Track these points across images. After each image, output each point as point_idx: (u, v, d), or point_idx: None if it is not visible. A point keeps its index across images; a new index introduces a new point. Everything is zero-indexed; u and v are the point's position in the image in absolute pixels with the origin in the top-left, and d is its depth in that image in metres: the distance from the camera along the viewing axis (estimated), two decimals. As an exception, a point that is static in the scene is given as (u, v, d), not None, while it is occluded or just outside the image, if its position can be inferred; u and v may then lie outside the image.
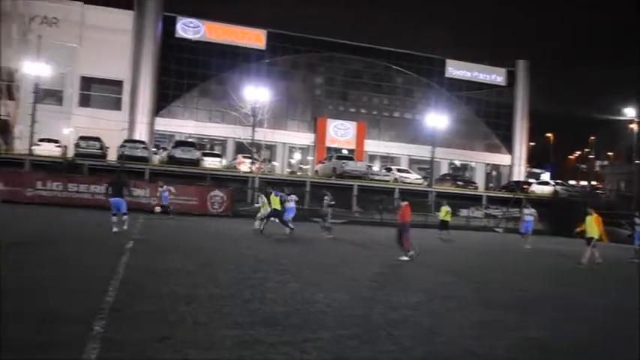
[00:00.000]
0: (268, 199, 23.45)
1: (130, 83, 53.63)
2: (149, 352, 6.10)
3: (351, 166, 44.48)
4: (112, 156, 42.16)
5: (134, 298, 8.82)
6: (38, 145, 40.98)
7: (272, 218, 23.16)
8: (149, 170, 38.78)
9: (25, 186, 34.08)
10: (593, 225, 18.73)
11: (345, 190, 40.38)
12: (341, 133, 60.87)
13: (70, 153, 41.15)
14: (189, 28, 57.03)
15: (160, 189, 30.32)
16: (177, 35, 56.34)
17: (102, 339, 6.34)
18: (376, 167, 54.12)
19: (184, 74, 56.00)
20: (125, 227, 18.60)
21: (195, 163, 41.39)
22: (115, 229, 18.26)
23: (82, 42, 51.68)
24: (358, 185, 42.40)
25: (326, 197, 24.65)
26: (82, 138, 41.38)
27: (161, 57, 54.73)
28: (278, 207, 22.88)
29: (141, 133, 51.61)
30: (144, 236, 18.60)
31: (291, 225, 22.58)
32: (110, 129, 48.06)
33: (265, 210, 23.99)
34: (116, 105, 53.86)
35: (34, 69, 42.29)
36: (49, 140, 42.35)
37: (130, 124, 52.55)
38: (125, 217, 18.81)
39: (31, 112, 40.92)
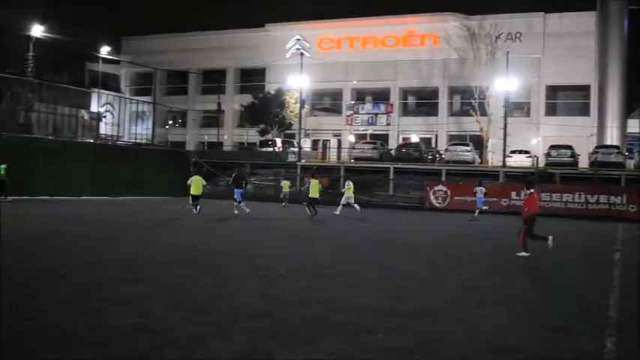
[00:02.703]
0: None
1: (596, 86, 51.73)
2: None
3: None
4: (583, 163, 41.23)
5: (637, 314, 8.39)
6: (510, 156, 42.62)
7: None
8: (625, 176, 36.64)
9: (500, 196, 35.85)
10: None
11: None
12: None
13: (541, 162, 41.66)
14: (659, 19, 52.30)
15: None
16: (647, 29, 52.20)
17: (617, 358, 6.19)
18: None
19: (657, 70, 51.46)
20: (235, 212, 24.99)
21: (678, 165, 37.52)
22: (235, 212, 24.94)
23: (545, 51, 52.01)
24: None
25: None
26: (552, 147, 41.48)
27: (629, 55, 51.39)
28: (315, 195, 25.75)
29: (611, 138, 49.20)
30: (630, 247, 17.64)
31: None
32: (578, 135, 47.08)
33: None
34: (583, 110, 52.51)
35: (503, 84, 44.28)
36: (520, 151, 43.68)
37: (598, 129, 50.59)
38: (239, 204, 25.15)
39: (502, 125, 42.93)
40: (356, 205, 27.51)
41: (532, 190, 15.24)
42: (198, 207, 24.30)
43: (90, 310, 7.19)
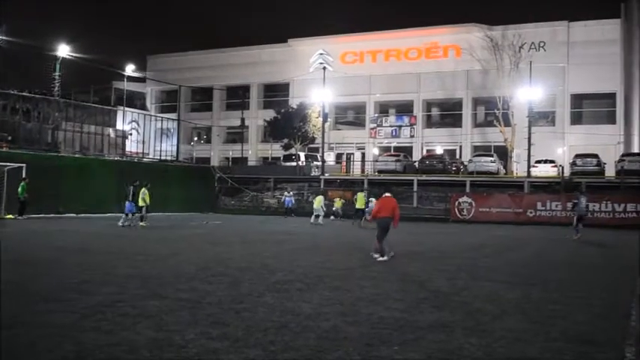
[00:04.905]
0: None
1: (622, 94, 51.07)
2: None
3: None
4: (609, 172, 40.71)
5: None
6: (535, 166, 42.27)
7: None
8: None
9: (525, 207, 35.54)
10: None
11: None
12: None
13: (567, 172, 41.21)
14: (685, 25, 51.49)
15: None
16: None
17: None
18: None
19: (685, 76, 50.53)
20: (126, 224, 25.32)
21: None
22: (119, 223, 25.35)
23: (570, 60, 51.59)
24: None
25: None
26: (577, 156, 41.16)
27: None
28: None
29: (639, 145, 48.51)
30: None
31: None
32: (605, 144, 46.68)
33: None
34: (609, 119, 51.93)
35: (527, 94, 43.99)
36: (545, 161, 43.32)
37: (625, 137, 49.96)
38: (132, 216, 25.67)
39: (526, 135, 42.60)
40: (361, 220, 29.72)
41: (387, 195, 15.16)
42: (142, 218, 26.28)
43: (109, 325, 7.27)
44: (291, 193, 40.55)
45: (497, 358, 6.30)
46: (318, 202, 32.14)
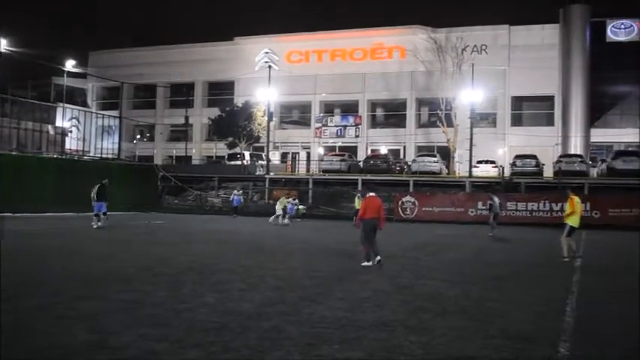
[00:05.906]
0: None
1: (560, 97, 52.59)
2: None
3: None
4: (547, 172, 41.84)
5: (593, 319, 8.54)
6: (476, 167, 43.06)
7: None
8: (588, 184, 37.27)
9: (467, 207, 36.20)
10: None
11: None
12: None
13: (507, 172, 42.15)
14: (620, 31, 53.37)
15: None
16: (607, 40, 53.22)
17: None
18: None
19: (619, 80, 52.28)
20: (102, 224, 23.81)
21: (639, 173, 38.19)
22: (94, 225, 23.68)
23: (511, 63, 52.81)
24: None
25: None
26: (517, 157, 42.11)
27: (591, 65, 52.32)
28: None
29: (576, 147, 50.04)
30: (590, 253, 17.93)
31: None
32: (543, 145, 48.03)
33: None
34: (548, 121, 53.36)
35: (469, 96, 44.80)
36: (486, 162, 44.17)
37: (563, 139, 51.44)
38: (104, 216, 24.18)
39: (468, 136, 43.40)
40: None
41: (372, 194, 14.46)
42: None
43: (47, 327, 7.06)
44: (240, 192, 39.90)
45: (436, 355, 6.39)
46: (282, 202, 31.85)
